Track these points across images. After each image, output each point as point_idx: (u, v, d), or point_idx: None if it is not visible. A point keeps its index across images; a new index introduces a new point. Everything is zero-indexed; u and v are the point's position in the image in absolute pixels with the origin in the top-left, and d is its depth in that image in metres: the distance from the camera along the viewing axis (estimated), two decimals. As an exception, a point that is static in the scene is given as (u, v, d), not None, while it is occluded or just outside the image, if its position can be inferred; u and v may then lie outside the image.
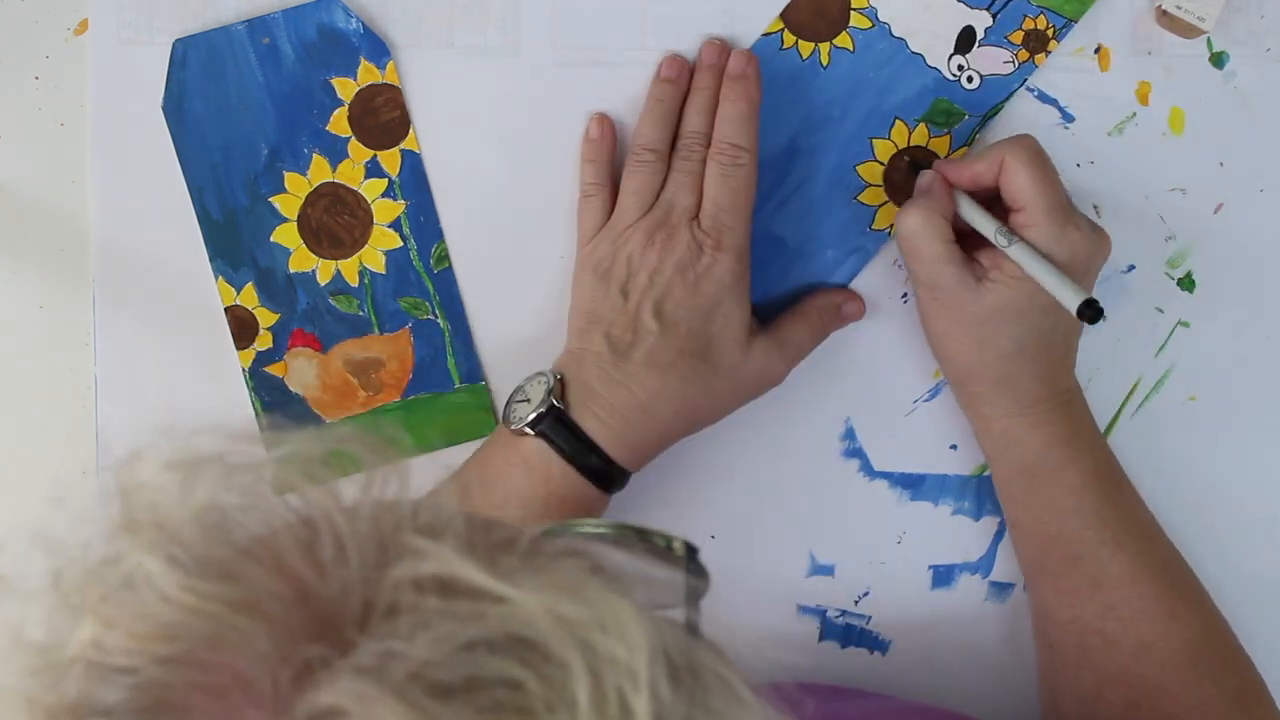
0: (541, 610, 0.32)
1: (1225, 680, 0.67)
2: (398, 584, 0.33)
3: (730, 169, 0.67)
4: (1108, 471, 0.69)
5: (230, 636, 0.33)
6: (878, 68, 0.72)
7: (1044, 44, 0.72)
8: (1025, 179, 0.64)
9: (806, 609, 0.74)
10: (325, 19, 0.71)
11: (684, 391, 0.66)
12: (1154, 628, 0.67)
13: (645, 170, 0.68)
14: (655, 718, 0.32)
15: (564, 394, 0.66)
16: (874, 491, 0.74)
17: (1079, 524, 0.67)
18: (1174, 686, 0.66)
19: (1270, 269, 0.73)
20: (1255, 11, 0.72)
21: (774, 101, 0.71)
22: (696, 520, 0.73)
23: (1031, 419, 0.67)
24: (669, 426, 0.67)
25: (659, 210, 0.67)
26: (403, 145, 0.72)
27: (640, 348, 0.65)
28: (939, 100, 0.72)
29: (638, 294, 0.66)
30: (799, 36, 0.72)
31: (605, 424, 0.65)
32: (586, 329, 0.67)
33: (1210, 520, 0.74)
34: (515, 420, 0.66)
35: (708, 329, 0.66)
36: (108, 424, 0.72)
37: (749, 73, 0.69)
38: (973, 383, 0.69)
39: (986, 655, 0.74)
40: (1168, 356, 0.74)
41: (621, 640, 0.32)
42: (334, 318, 0.73)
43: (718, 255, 0.66)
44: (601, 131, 0.71)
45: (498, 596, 0.33)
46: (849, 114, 0.72)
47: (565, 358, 0.68)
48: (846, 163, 0.72)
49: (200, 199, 0.72)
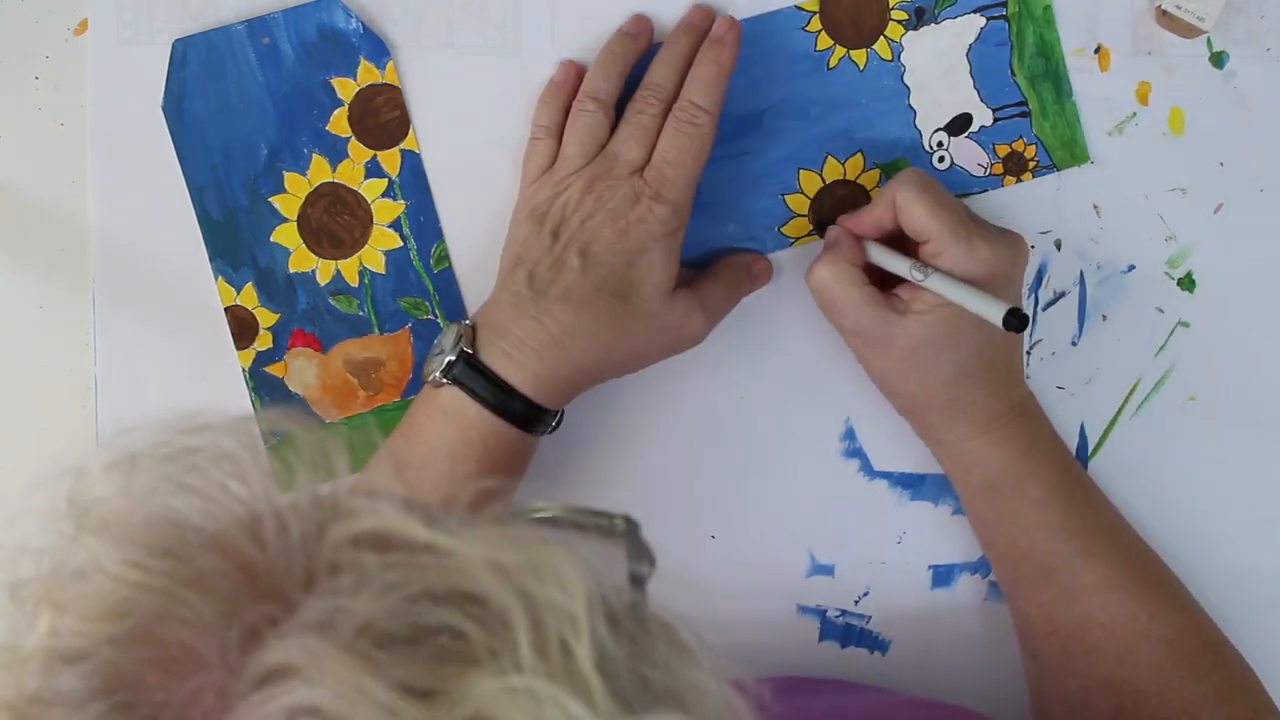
0: (479, 560, 0.33)
1: (1210, 676, 0.67)
2: (337, 543, 0.34)
3: (688, 127, 0.67)
4: (1071, 479, 0.69)
5: (177, 610, 0.33)
6: (872, 98, 0.72)
7: (1020, 171, 0.72)
8: (920, 211, 0.65)
9: (806, 609, 0.74)
10: (325, 19, 0.71)
11: (597, 327, 0.65)
12: (1133, 631, 0.67)
13: (588, 119, 0.68)
14: (598, 661, 0.33)
15: (474, 339, 0.66)
16: (874, 491, 0.74)
17: (1048, 537, 0.68)
18: (1159, 689, 0.66)
19: (1270, 269, 0.73)
20: (1255, 11, 0.72)
21: (767, 71, 0.71)
22: (696, 520, 0.73)
23: (988, 438, 0.68)
24: (580, 362, 0.66)
25: (604, 160, 0.67)
26: (403, 145, 0.72)
27: (559, 284, 0.65)
28: (903, 159, 0.72)
29: (567, 236, 0.66)
30: (825, 29, 0.72)
31: (513, 359, 0.65)
32: (512, 269, 0.67)
33: (1209, 521, 0.74)
34: (429, 373, 0.66)
35: (629, 272, 0.66)
36: (108, 424, 0.72)
37: (729, 39, 0.69)
38: (925, 413, 0.69)
39: (986, 655, 0.74)
40: (1168, 356, 0.74)
41: (559, 586, 0.33)
42: (334, 318, 0.73)
43: (653, 206, 0.66)
44: (565, 76, 0.70)
45: (436, 548, 0.34)
46: (823, 121, 0.72)
47: (485, 305, 0.68)
48: (795, 161, 0.72)
49: (200, 199, 0.72)
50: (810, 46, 0.72)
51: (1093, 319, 0.73)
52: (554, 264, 0.66)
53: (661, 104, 0.68)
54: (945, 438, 0.69)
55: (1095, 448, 0.74)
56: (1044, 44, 0.72)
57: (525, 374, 0.65)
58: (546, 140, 0.70)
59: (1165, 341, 0.74)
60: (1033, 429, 0.69)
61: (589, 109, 0.68)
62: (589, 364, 0.66)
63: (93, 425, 0.72)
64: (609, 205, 0.66)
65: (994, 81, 0.72)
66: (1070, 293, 0.73)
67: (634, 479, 0.70)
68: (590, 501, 0.67)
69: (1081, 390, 0.73)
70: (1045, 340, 0.73)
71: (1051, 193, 0.73)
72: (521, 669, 0.32)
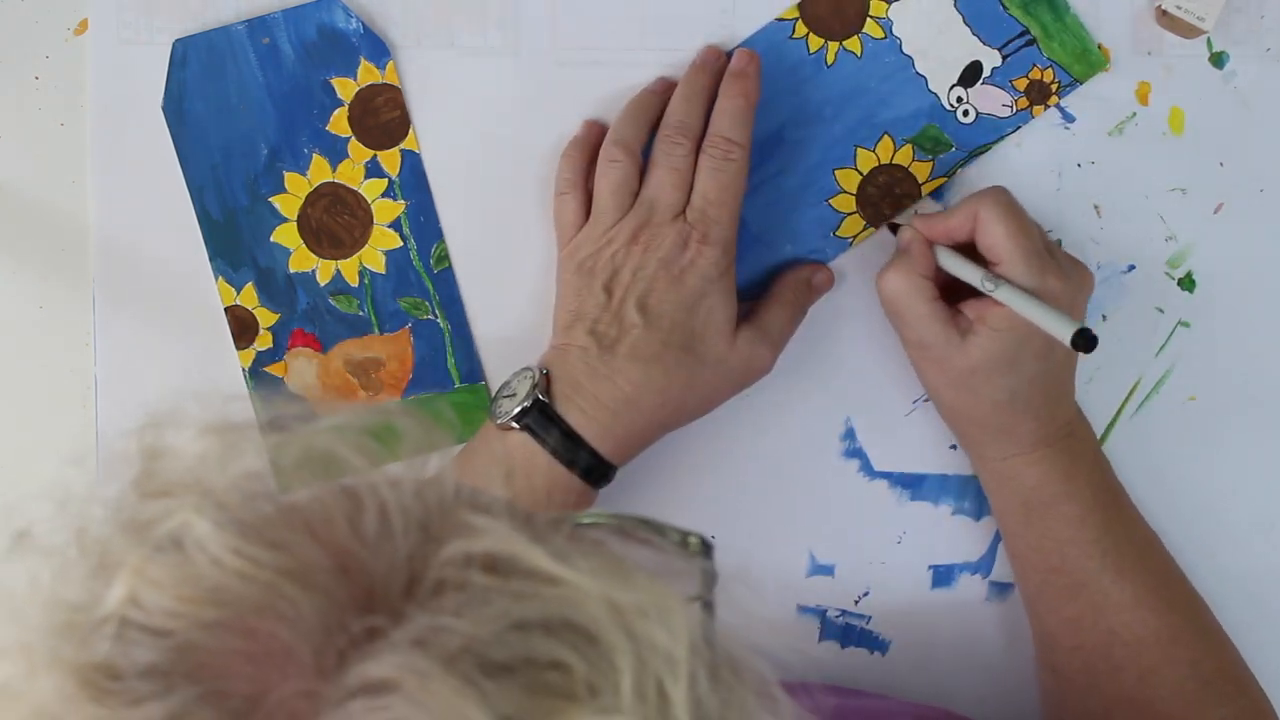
0: (597, 595, 0.33)
1: (1230, 703, 0.67)
2: (450, 559, 0.33)
3: (722, 164, 0.67)
4: (1108, 498, 0.69)
5: (278, 604, 0.32)
6: (880, 79, 0.72)
7: (1045, 97, 0.72)
8: (1000, 232, 0.65)
9: (806, 609, 0.74)
10: (325, 19, 0.71)
11: (668, 383, 0.66)
12: (1158, 653, 0.67)
13: (619, 169, 0.68)
14: (691, 707, 0.32)
15: (549, 388, 0.66)
16: (874, 491, 0.74)
17: (1079, 554, 0.67)
18: (1179, 711, 0.66)
19: (1270, 269, 0.73)
20: (1255, 11, 0.72)
21: (770, 88, 0.71)
22: (697, 520, 0.73)
23: (1030, 458, 0.68)
24: (654, 419, 0.66)
25: (642, 208, 0.67)
26: (403, 145, 0.72)
27: (625, 341, 0.65)
28: (930, 126, 0.72)
29: (621, 289, 0.66)
30: (811, 29, 0.72)
31: (590, 418, 0.65)
32: (571, 325, 0.67)
33: (1210, 521, 0.74)
34: (501, 415, 0.66)
35: (691, 321, 0.66)
36: (108, 424, 0.72)
37: (750, 71, 0.69)
38: (970, 428, 0.69)
39: (986, 655, 0.74)
40: (1168, 356, 0.74)
41: (666, 629, 0.33)
42: (334, 318, 0.73)
43: (703, 249, 0.66)
44: (588, 133, 0.71)
45: (552, 578, 0.33)
46: (841, 117, 0.72)
47: (551, 353, 0.68)
48: (827, 164, 0.72)
49: (200, 199, 0.72)
50: (804, 51, 0.72)
51: (1093, 319, 0.73)
52: (614, 320, 0.66)
53: (690, 141, 0.67)
54: (987, 454, 0.69)
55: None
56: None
57: (599, 431, 0.65)
58: (574, 194, 0.69)
59: (1165, 341, 0.74)
60: (1075, 449, 0.68)
61: (618, 158, 0.68)
62: (663, 418, 0.67)
63: (93, 425, 0.72)
64: (659, 254, 0.66)
65: (990, 22, 0.72)
66: (1070, 293, 0.73)
67: (634, 479, 0.70)
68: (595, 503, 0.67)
69: (1082, 390, 0.73)
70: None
71: (1052, 193, 0.73)
72: (621, 710, 0.31)
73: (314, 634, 0.32)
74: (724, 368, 0.67)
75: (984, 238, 0.65)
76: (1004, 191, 0.66)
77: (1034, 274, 0.64)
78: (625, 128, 0.69)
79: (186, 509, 0.34)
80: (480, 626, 0.32)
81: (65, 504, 0.36)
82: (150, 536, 0.34)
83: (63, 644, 0.33)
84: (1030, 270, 0.64)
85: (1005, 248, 0.64)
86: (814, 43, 0.72)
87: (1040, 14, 0.72)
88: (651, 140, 0.69)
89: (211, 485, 0.35)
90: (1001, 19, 0.72)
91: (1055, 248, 0.68)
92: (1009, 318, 0.64)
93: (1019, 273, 0.64)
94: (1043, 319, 0.63)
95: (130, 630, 0.33)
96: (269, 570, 0.33)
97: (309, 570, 0.33)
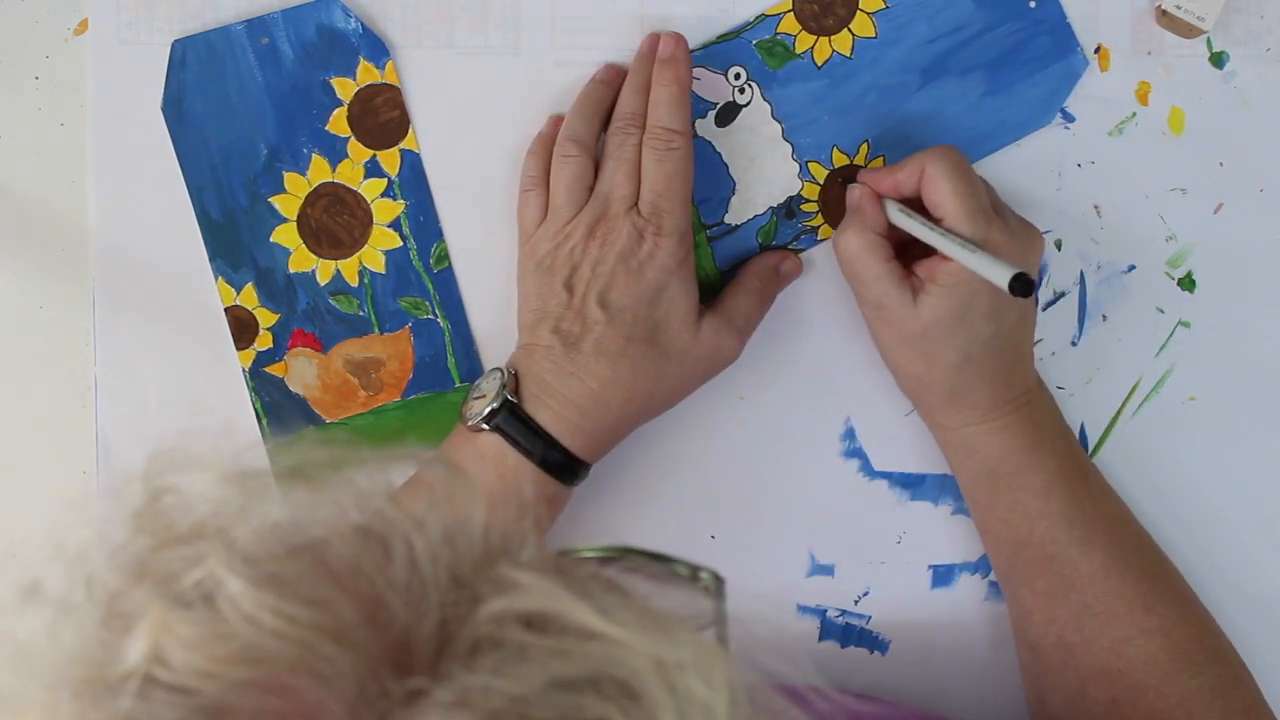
0: (645, 654, 0.32)
1: (1205, 671, 0.67)
2: (495, 617, 0.32)
3: (665, 154, 0.67)
4: (1073, 468, 0.69)
5: (314, 662, 0.31)
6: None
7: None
8: (946, 188, 0.65)
9: (806, 609, 0.74)
10: (324, 19, 0.71)
11: (635, 377, 0.66)
12: (1129, 623, 0.67)
13: (571, 165, 0.68)
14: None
15: (518, 388, 0.66)
16: (874, 491, 0.74)
17: (1047, 525, 0.68)
18: (1154, 682, 0.66)
19: (1270, 269, 0.73)
20: (1255, 11, 0.72)
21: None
22: (696, 520, 0.73)
23: (989, 426, 0.68)
24: (623, 413, 0.66)
25: (597, 203, 0.67)
26: (402, 145, 0.72)
27: (589, 338, 0.66)
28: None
29: (582, 286, 0.66)
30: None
31: (559, 415, 0.65)
32: (535, 325, 0.67)
33: (1210, 521, 0.74)
34: (471, 417, 0.66)
35: (653, 314, 0.66)
36: (108, 424, 0.72)
37: (679, 55, 0.69)
38: (926, 395, 0.69)
39: (986, 655, 0.74)
40: (1168, 356, 0.74)
41: (708, 684, 0.32)
42: (334, 318, 0.73)
43: (659, 240, 0.66)
44: (552, 129, 0.71)
45: (595, 634, 0.32)
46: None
47: (517, 354, 0.68)
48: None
49: (200, 199, 0.72)
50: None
51: (1093, 319, 0.73)
52: (577, 317, 0.66)
53: (640, 131, 0.68)
54: (945, 422, 0.69)
55: (1095, 448, 0.74)
56: None
57: (569, 428, 0.65)
58: (536, 191, 0.70)
59: (1165, 341, 0.74)
60: (1037, 418, 0.69)
61: (571, 154, 0.68)
62: (631, 412, 0.67)
63: (93, 426, 0.72)
64: (616, 248, 0.66)
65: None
66: (1070, 293, 0.73)
67: (634, 479, 0.70)
68: (592, 502, 0.67)
69: (1082, 390, 0.73)
70: (1046, 340, 0.73)
71: (1052, 193, 0.73)
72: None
73: (348, 691, 0.31)
74: (689, 358, 0.67)
75: (930, 193, 0.66)
76: (952, 149, 0.67)
77: (978, 227, 0.64)
78: (577, 122, 0.69)
79: (213, 561, 0.33)
80: (522, 685, 0.31)
81: (71, 550, 0.34)
82: (174, 589, 0.33)
83: (83, 702, 0.32)
84: (975, 224, 0.64)
85: (950, 202, 0.65)
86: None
87: None
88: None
89: (235, 536, 0.34)
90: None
91: (1004, 206, 0.68)
92: (956, 273, 0.64)
93: (962, 225, 0.64)
94: (980, 265, 0.63)
95: (155, 689, 0.31)
96: (305, 628, 0.32)
97: (343, 626, 0.32)
